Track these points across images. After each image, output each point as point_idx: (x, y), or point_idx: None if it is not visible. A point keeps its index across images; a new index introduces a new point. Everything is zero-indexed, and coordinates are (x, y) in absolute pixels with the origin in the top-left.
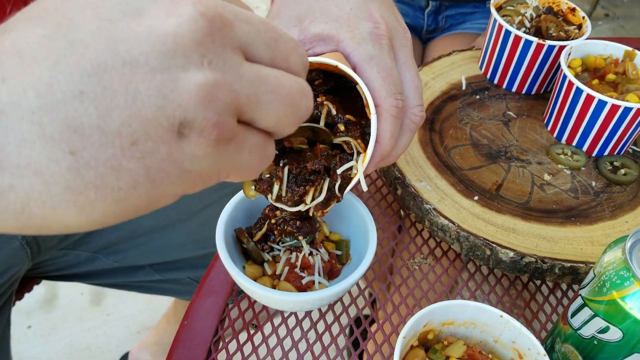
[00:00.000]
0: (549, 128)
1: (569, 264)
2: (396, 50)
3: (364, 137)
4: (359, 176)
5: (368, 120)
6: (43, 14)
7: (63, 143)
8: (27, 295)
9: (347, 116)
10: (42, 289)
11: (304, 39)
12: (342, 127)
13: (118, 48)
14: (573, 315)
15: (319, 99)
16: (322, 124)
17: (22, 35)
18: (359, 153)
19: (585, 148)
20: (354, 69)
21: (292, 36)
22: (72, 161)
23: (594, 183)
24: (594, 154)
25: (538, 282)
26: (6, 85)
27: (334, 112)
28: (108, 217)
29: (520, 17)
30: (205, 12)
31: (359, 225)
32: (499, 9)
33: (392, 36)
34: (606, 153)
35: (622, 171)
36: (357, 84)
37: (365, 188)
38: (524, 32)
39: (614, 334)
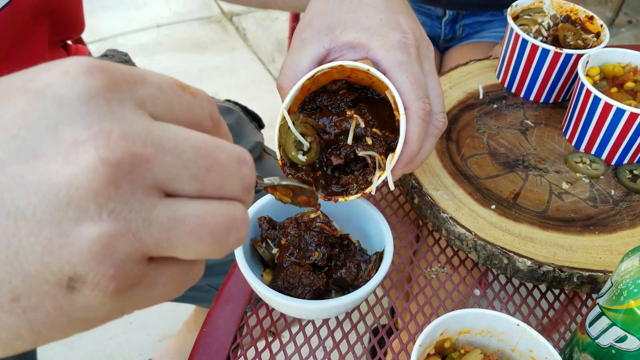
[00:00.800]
0: (567, 136)
1: (587, 273)
2: (422, 59)
3: (387, 154)
4: (386, 174)
5: (393, 134)
6: None
7: None
8: None
9: (374, 130)
10: None
11: (334, 46)
12: (369, 141)
13: (4, 197)
14: (591, 324)
15: (348, 113)
16: (350, 136)
17: None
18: (380, 168)
19: (604, 156)
20: (384, 75)
21: (236, 154)
22: None
23: (613, 192)
24: (613, 163)
25: (556, 291)
26: None
27: (362, 125)
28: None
29: (537, 26)
30: (108, 158)
31: (376, 234)
32: (515, 18)
33: (418, 46)
34: (625, 161)
35: None
36: (386, 89)
37: (392, 187)
38: (541, 40)
39: (632, 343)
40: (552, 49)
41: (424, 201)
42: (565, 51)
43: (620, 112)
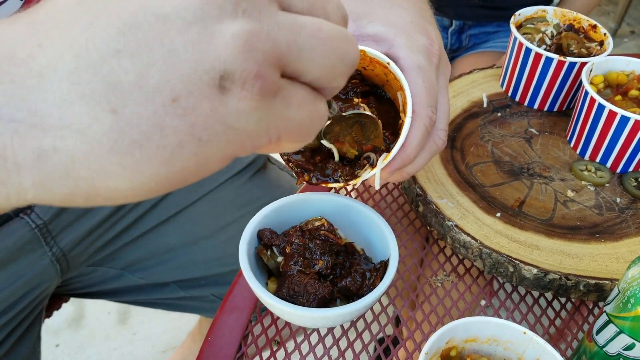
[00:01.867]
0: (571, 145)
1: (594, 281)
2: (439, 73)
3: (381, 154)
4: (375, 171)
5: (393, 136)
6: None
7: (103, 101)
8: (55, 314)
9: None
10: (70, 308)
11: (358, 35)
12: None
13: (150, 4)
14: (598, 332)
15: (355, 100)
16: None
17: (55, 3)
18: (372, 166)
19: (609, 164)
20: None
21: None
22: (114, 120)
23: (618, 199)
24: (618, 170)
25: (563, 300)
26: (42, 49)
27: (368, 112)
28: (158, 180)
29: (540, 35)
30: None
31: (380, 242)
32: (519, 27)
33: (440, 58)
34: (631, 169)
35: None
36: (399, 90)
37: (377, 186)
38: (545, 49)
39: None
40: (556, 57)
41: (428, 209)
42: (569, 59)
43: (624, 120)
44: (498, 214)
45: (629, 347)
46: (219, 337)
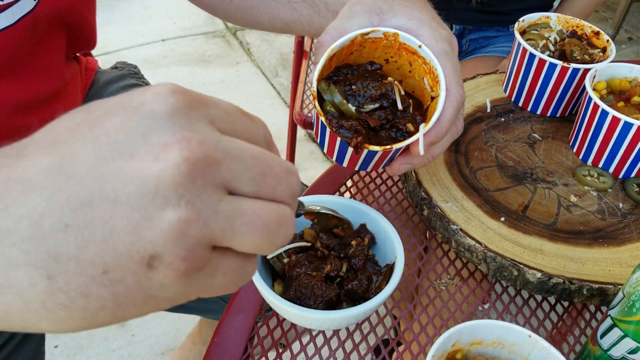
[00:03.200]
0: (574, 150)
1: (597, 285)
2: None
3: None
4: (418, 135)
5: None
6: (53, 144)
7: (42, 269)
8: None
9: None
10: None
11: (382, 27)
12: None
13: (106, 187)
14: (602, 335)
15: (389, 79)
16: (398, 100)
17: (31, 163)
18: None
19: (611, 170)
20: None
21: (285, 166)
22: (48, 285)
23: (621, 205)
24: (620, 176)
25: (565, 304)
26: (7, 212)
27: (402, 92)
28: (78, 329)
29: (544, 41)
30: (189, 157)
31: (386, 245)
32: (522, 33)
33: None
34: (633, 175)
35: None
36: (425, 75)
37: (422, 151)
38: (548, 55)
39: None
40: (560, 63)
41: (433, 213)
42: (573, 66)
43: (628, 126)
44: (502, 218)
45: (634, 351)
46: (225, 339)
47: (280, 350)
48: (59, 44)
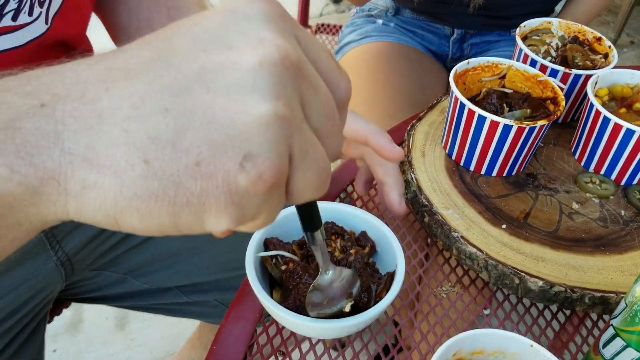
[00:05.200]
0: (576, 156)
1: (599, 294)
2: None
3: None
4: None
5: None
6: (154, 41)
7: (141, 151)
8: (54, 318)
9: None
10: (69, 313)
11: None
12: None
13: (206, 76)
14: (605, 345)
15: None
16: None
17: (131, 55)
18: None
19: (613, 177)
20: None
21: (340, 127)
22: (144, 169)
23: (623, 212)
24: (622, 183)
25: (567, 312)
26: (108, 94)
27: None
28: (162, 228)
29: (546, 47)
30: (285, 58)
31: (387, 253)
32: (524, 38)
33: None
34: (635, 182)
35: None
36: None
37: None
38: (550, 61)
39: None
40: (562, 69)
41: (434, 220)
42: (574, 72)
43: (630, 133)
44: (504, 226)
45: None
46: (224, 347)
47: (280, 359)
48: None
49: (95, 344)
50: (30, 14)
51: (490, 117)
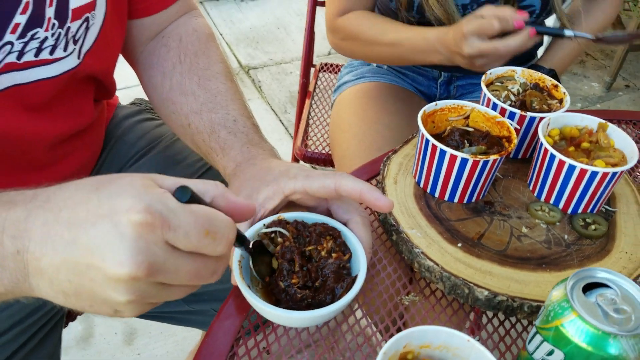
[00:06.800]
0: (530, 188)
1: (536, 304)
2: None
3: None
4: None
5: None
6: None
7: (60, 293)
8: (64, 331)
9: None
10: (80, 327)
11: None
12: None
13: (90, 271)
14: (529, 342)
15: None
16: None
17: (46, 254)
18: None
19: (561, 206)
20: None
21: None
22: (63, 301)
23: (566, 236)
24: (569, 211)
25: (513, 320)
26: (43, 265)
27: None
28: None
29: (506, 92)
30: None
31: (357, 260)
32: (489, 84)
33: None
34: (580, 211)
35: (593, 227)
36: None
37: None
38: (510, 105)
39: (558, 356)
40: (518, 112)
41: (400, 238)
42: (529, 114)
43: (572, 168)
44: (459, 244)
45: (550, 353)
46: (214, 340)
47: (264, 354)
48: (89, 91)
49: (104, 358)
50: (65, 49)
51: (450, 151)
